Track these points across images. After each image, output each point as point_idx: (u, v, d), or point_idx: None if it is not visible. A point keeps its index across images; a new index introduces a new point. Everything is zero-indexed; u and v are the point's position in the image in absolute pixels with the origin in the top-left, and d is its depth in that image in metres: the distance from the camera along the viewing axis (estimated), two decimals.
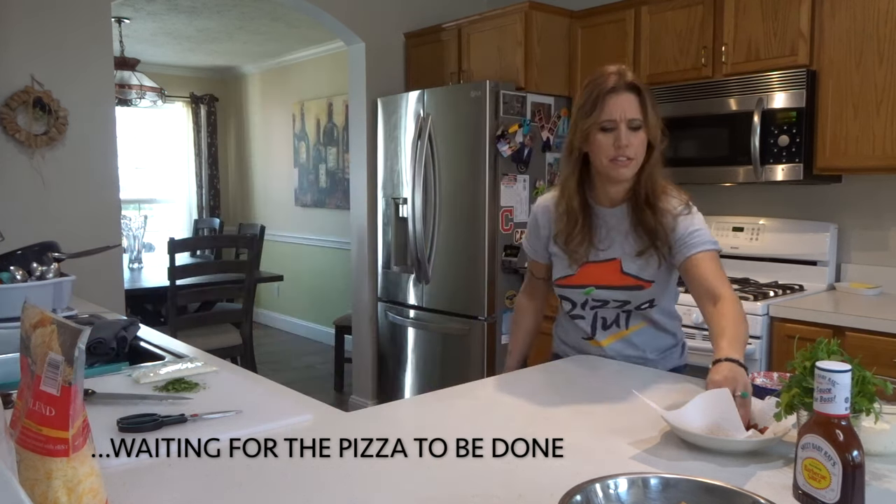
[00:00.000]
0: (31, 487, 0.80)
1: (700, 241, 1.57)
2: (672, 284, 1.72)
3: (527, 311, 1.97)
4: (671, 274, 1.68)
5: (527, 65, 3.49)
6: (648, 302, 1.68)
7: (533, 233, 1.82)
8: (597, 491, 0.84)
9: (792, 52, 2.76)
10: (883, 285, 2.83)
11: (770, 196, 3.19)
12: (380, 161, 3.99)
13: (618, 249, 1.66)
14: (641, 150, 1.58)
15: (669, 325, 1.77)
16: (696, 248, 1.56)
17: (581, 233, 1.66)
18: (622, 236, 1.66)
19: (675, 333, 1.79)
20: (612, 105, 1.56)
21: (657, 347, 1.76)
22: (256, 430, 1.19)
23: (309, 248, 6.33)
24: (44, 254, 2.20)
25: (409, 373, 3.88)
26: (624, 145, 1.55)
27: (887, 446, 1.06)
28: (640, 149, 1.57)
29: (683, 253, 1.58)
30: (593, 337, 1.76)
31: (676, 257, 1.60)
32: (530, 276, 1.94)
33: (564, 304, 1.78)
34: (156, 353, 1.80)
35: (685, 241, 1.58)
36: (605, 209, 1.68)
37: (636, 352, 1.74)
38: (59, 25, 3.12)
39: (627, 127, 1.55)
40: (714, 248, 1.58)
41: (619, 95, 1.56)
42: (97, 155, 3.26)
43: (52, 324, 0.82)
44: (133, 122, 6.62)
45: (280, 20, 5.13)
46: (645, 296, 1.67)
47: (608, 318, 1.73)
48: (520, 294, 2.00)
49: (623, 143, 1.55)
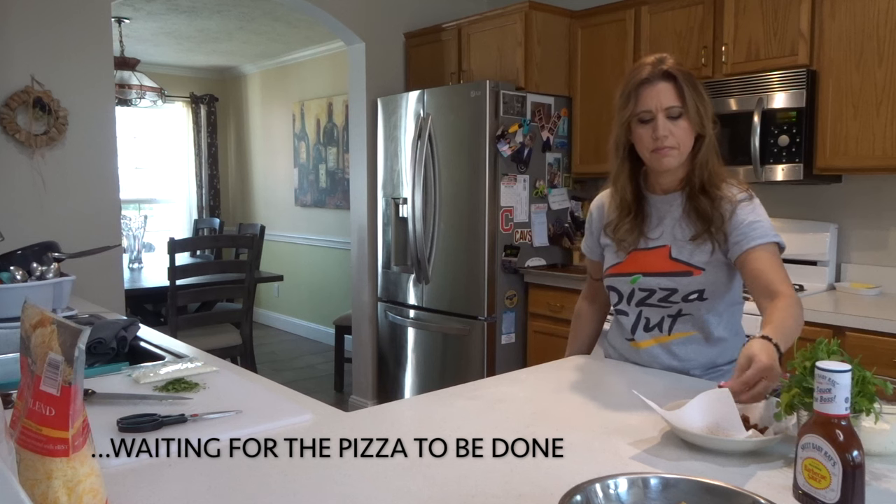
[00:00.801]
0: (31, 487, 0.80)
1: (760, 233, 1.48)
2: (732, 283, 1.59)
3: (585, 316, 1.90)
4: (729, 269, 1.56)
5: (527, 65, 3.49)
6: (697, 293, 1.55)
7: (588, 230, 1.78)
8: (597, 491, 0.84)
9: (792, 52, 2.76)
10: (883, 285, 2.83)
11: (770, 196, 3.18)
12: (380, 161, 3.99)
13: (668, 236, 1.59)
14: (685, 138, 1.52)
15: (726, 338, 1.61)
16: (755, 241, 1.48)
17: (632, 221, 1.62)
18: (674, 222, 1.59)
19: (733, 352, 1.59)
20: (647, 95, 1.52)
21: (704, 364, 1.60)
22: (256, 430, 1.19)
23: (309, 248, 6.33)
24: (44, 254, 2.20)
25: (409, 373, 3.89)
26: (662, 136, 1.50)
27: (887, 446, 1.06)
28: (682, 137, 1.52)
29: (742, 245, 1.49)
30: (633, 337, 1.65)
31: (734, 249, 1.51)
32: (589, 279, 1.88)
33: (612, 297, 1.69)
34: (156, 353, 1.80)
35: (744, 233, 1.49)
36: (658, 196, 1.63)
37: (678, 363, 1.60)
38: (59, 25, 3.12)
39: (666, 116, 1.51)
40: (775, 241, 1.50)
41: (654, 86, 1.51)
42: (97, 155, 3.26)
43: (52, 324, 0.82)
44: (133, 122, 6.62)
45: (280, 20, 5.13)
46: (694, 284, 1.55)
47: (652, 319, 1.62)
48: (580, 299, 1.93)
49: (661, 133, 1.50)
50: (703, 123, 1.52)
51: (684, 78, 1.51)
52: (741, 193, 1.54)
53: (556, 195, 3.64)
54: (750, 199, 1.54)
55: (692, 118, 1.51)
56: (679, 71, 1.51)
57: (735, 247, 1.50)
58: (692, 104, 1.50)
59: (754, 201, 1.54)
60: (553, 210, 3.63)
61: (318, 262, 6.22)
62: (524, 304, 3.51)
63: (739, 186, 1.56)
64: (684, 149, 1.53)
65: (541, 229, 3.58)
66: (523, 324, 3.52)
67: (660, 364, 1.62)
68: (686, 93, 1.50)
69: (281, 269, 5.92)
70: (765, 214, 1.53)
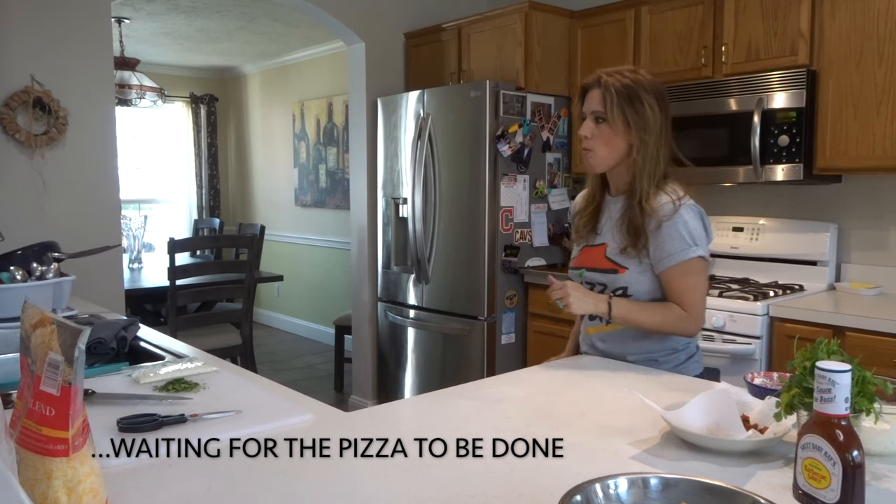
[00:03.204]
0: (31, 487, 0.80)
1: (674, 254, 1.60)
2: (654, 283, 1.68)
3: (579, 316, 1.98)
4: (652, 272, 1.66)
5: (527, 65, 3.49)
6: (622, 290, 1.69)
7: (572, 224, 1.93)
8: (597, 491, 0.84)
9: (792, 52, 2.76)
10: (883, 285, 2.83)
11: (770, 196, 3.19)
12: (380, 161, 3.99)
13: (608, 235, 1.73)
14: (603, 142, 1.65)
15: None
16: (667, 264, 1.62)
17: (589, 215, 1.77)
18: (613, 224, 1.72)
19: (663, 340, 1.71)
20: (585, 99, 1.70)
21: (639, 350, 1.71)
22: (256, 430, 1.19)
23: (309, 248, 6.33)
24: (44, 254, 2.20)
25: (409, 373, 3.89)
26: (582, 135, 1.68)
27: (887, 446, 1.06)
28: (600, 141, 1.65)
29: (658, 266, 1.64)
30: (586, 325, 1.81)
31: (655, 266, 1.65)
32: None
33: None
34: (156, 353, 1.80)
35: (660, 255, 1.62)
36: (610, 197, 1.77)
37: (616, 350, 1.73)
38: (59, 25, 3.12)
39: (592, 119, 1.67)
40: (680, 261, 1.60)
41: (591, 91, 1.68)
42: (97, 155, 3.26)
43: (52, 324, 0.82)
44: (133, 122, 6.62)
45: (280, 20, 5.13)
46: (619, 281, 1.69)
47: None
48: None
49: (581, 132, 1.68)
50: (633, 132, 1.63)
51: (618, 88, 1.63)
52: (668, 207, 1.61)
53: (555, 195, 3.64)
54: (672, 215, 1.61)
55: (615, 125, 1.63)
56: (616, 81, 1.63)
57: (655, 265, 1.64)
58: (618, 112, 1.62)
59: (677, 215, 1.61)
60: (553, 210, 3.63)
61: (318, 262, 6.22)
62: (524, 304, 3.51)
63: (673, 196, 1.63)
64: (603, 153, 1.66)
65: (541, 229, 3.58)
66: (523, 324, 3.52)
67: (600, 351, 1.76)
68: (610, 100, 1.63)
69: (281, 269, 5.92)
70: (687, 227, 1.61)
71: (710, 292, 2.75)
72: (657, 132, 1.63)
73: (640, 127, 1.62)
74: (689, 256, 1.60)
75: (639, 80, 1.64)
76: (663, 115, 1.65)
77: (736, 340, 2.59)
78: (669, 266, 1.61)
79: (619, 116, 1.62)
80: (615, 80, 1.63)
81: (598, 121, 1.65)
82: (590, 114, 1.67)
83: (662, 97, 1.66)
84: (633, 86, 1.63)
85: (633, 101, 1.62)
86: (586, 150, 1.68)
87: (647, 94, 1.63)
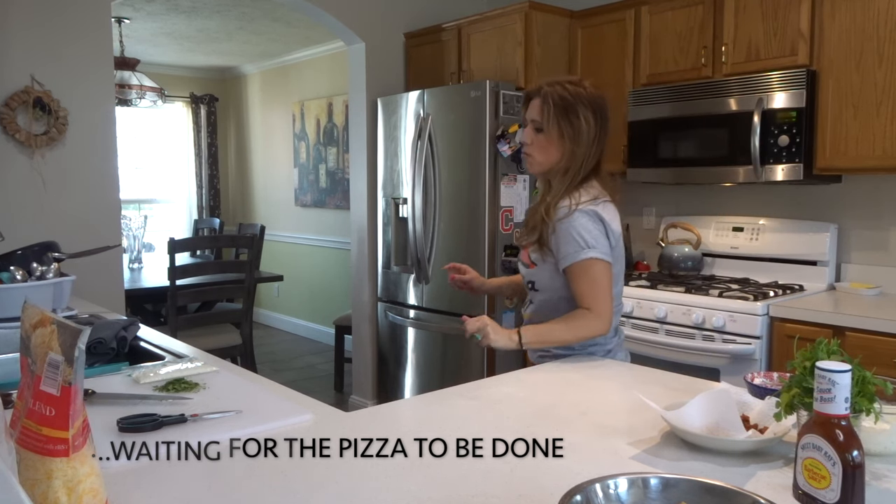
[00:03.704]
0: (31, 487, 0.80)
1: (562, 256, 1.68)
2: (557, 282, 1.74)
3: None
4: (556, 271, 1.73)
5: (527, 65, 3.49)
6: (530, 283, 1.80)
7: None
8: (597, 491, 0.84)
9: (792, 52, 2.76)
10: (883, 285, 2.83)
11: (770, 196, 3.19)
12: (380, 161, 3.98)
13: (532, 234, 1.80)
14: (539, 150, 1.74)
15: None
16: (561, 266, 1.70)
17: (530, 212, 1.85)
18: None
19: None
20: (528, 107, 1.77)
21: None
22: (256, 430, 1.19)
23: (309, 248, 6.33)
24: (44, 254, 2.20)
25: (409, 373, 3.89)
26: (524, 141, 1.77)
27: (887, 446, 1.06)
28: (538, 149, 1.74)
29: (559, 265, 1.71)
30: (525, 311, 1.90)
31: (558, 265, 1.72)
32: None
33: None
34: (156, 353, 1.80)
35: (558, 256, 1.70)
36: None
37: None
38: (59, 25, 3.12)
39: (532, 128, 1.75)
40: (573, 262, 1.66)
41: (533, 100, 1.76)
42: (97, 155, 3.26)
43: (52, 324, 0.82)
44: (133, 122, 6.62)
45: (280, 20, 5.13)
46: (529, 275, 1.81)
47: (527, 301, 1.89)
48: None
49: (523, 138, 1.78)
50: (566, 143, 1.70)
51: (556, 100, 1.69)
52: (563, 210, 1.69)
53: None
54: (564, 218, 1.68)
55: (550, 135, 1.71)
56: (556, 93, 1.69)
57: (559, 265, 1.71)
58: (553, 124, 1.70)
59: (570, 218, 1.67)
60: None
61: (318, 262, 6.22)
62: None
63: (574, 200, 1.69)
64: (541, 159, 1.75)
65: None
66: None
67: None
68: (548, 112, 1.70)
69: (281, 269, 5.92)
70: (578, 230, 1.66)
71: (710, 292, 2.76)
72: (588, 145, 1.70)
73: (572, 139, 1.70)
74: (581, 258, 1.66)
75: (579, 93, 1.70)
76: (598, 128, 1.71)
77: (736, 340, 2.59)
78: (565, 266, 1.68)
79: (555, 128, 1.70)
80: (555, 92, 1.70)
81: (538, 130, 1.73)
82: (530, 122, 1.75)
83: (600, 111, 1.72)
84: (570, 99, 1.69)
85: (569, 114, 1.69)
86: (526, 154, 1.78)
87: (585, 108, 1.69)
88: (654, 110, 3.14)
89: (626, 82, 3.32)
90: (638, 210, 3.69)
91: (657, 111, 3.13)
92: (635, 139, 3.23)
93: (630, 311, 2.89)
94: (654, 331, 2.82)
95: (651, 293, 2.87)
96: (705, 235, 3.27)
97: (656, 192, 3.59)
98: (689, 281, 3.04)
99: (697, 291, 2.79)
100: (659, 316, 2.79)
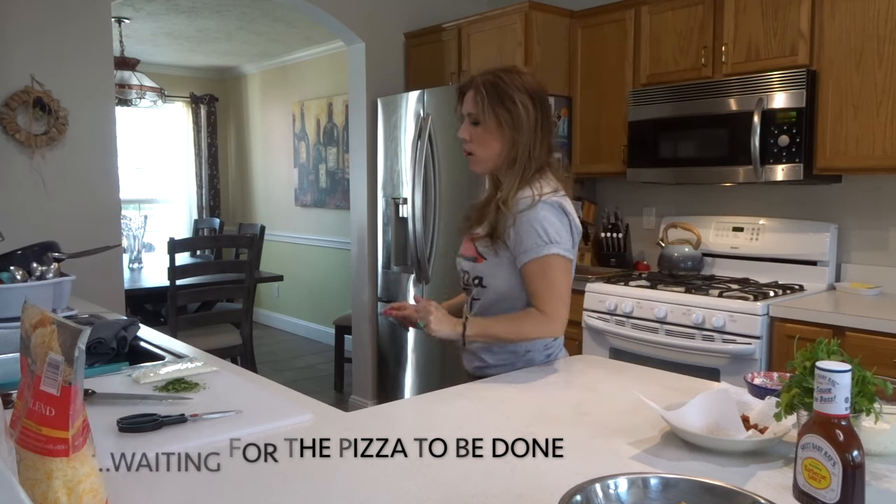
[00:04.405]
0: (31, 487, 0.80)
1: (522, 250, 1.59)
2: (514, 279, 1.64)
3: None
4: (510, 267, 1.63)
5: (527, 65, 3.48)
6: (479, 279, 1.68)
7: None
8: (597, 491, 0.84)
9: (792, 52, 2.76)
10: (883, 285, 2.83)
11: (770, 196, 3.19)
12: (380, 161, 3.98)
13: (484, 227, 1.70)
14: (479, 144, 1.64)
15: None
16: (520, 262, 1.60)
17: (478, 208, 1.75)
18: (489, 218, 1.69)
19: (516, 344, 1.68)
20: (464, 101, 1.68)
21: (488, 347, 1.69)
22: (256, 430, 1.19)
23: (309, 248, 6.33)
24: (44, 254, 2.20)
25: (409, 373, 3.88)
26: (461, 138, 1.67)
27: (887, 446, 1.06)
28: (477, 143, 1.64)
29: (517, 261, 1.61)
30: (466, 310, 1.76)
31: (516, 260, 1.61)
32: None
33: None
34: (156, 353, 1.80)
35: (517, 250, 1.60)
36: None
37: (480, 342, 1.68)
38: (60, 25, 3.12)
39: (469, 122, 1.65)
40: (534, 258, 1.57)
41: (467, 93, 1.67)
42: (97, 155, 3.26)
43: (52, 324, 0.82)
44: (133, 122, 6.62)
45: (280, 20, 5.13)
46: (477, 270, 1.68)
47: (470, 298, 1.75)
48: None
49: (459, 134, 1.67)
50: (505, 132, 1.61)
51: (489, 88, 1.61)
52: (526, 201, 1.59)
53: None
54: (527, 210, 1.58)
55: (487, 126, 1.62)
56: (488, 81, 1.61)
57: (516, 260, 1.61)
58: (489, 113, 1.60)
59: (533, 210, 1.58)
60: None
61: (318, 262, 6.22)
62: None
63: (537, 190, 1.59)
64: (483, 155, 1.65)
65: None
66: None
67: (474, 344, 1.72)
68: (482, 101, 1.61)
69: (281, 269, 5.92)
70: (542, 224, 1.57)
71: (710, 292, 2.76)
72: (530, 131, 1.61)
73: (511, 126, 1.60)
74: (543, 254, 1.57)
75: (512, 79, 1.61)
76: (539, 113, 1.62)
77: (736, 340, 2.59)
78: (524, 262, 1.59)
79: (492, 117, 1.61)
80: (487, 81, 1.62)
81: (475, 123, 1.64)
82: (466, 116, 1.66)
83: (538, 95, 1.63)
84: (503, 86, 1.60)
85: (504, 100, 1.60)
86: (467, 153, 1.67)
87: (520, 92, 1.60)
88: (654, 110, 3.14)
89: (626, 82, 3.32)
90: (638, 210, 3.69)
91: (657, 111, 3.13)
92: (635, 139, 3.23)
93: (630, 311, 2.89)
94: (654, 331, 2.82)
95: (651, 293, 2.87)
96: (705, 235, 3.27)
97: (656, 192, 3.59)
98: (689, 281, 3.04)
99: (697, 291, 2.79)
100: (659, 316, 2.79)
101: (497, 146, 1.63)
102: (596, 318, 3.03)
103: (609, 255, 3.64)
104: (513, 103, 1.60)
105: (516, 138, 1.61)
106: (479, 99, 1.62)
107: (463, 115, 1.67)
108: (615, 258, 3.62)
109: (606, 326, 2.98)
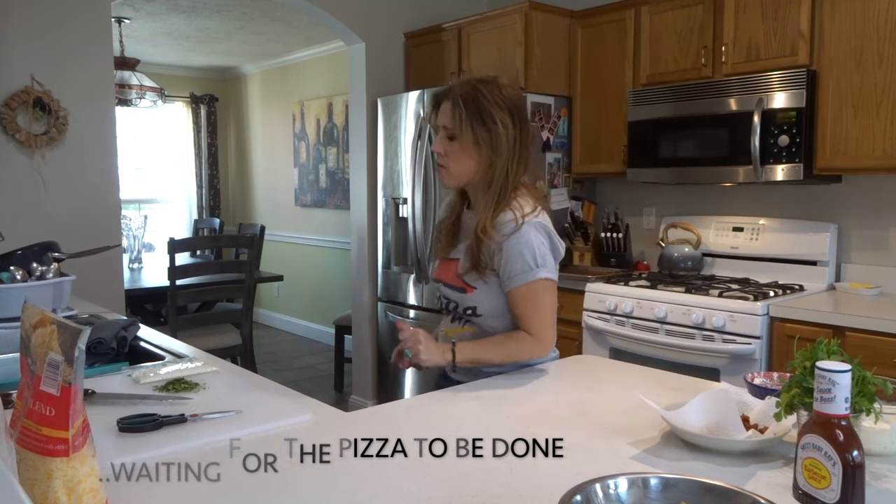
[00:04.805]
0: (31, 487, 0.80)
1: (508, 276, 1.55)
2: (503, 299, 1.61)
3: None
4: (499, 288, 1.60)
5: (527, 65, 3.49)
6: (471, 309, 1.62)
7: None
8: (597, 491, 0.84)
9: (792, 52, 2.76)
10: (883, 285, 2.83)
11: (770, 196, 3.19)
12: (380, 161, 3.98)
13: (462, 251, 1.64)
14: (454, 160, 1.57)
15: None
16: (511, 285, 1.56)
17: (449, 226, 1.70)
18: (468, 241, 1.62)
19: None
20: (439, 111, 1.59)
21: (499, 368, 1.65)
22: (256, 430, 1.19)
23: (309, 248, 6.33)
24: (44, 254, 2.20)
25: (409, 373, 3.88)
26: (436, 151, 1.59)
27: (887, 446, 1.06)
28: (451, 158, 1.57)
29: (504, 286, 1.57)
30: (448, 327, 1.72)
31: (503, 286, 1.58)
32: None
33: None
34: (156, 353, 1.80)
35: (504, 275, 1.56)
36: (469, 211, 1.69)
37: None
38: (60, 25, 3.12)
39: (444, 135, 1.57)
40: (523, 283, 1.54)
41: (444, 102, 1.58)
42: (97, 155, 3.26)
43: (52, 324, 0.82)
44: (133, 122, 6.62)
45: (280, 20, 5.13)
46: (468, 300, 1.62)
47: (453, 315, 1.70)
48: None
49: (434, 147, 1.59)
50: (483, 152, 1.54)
51: (468, 104, 1.52)
52: (510, 224, 1.54)
53: (556, 195, 3.64)
54: (513, 235, 1.53)
55: (464, 143, 1.54)
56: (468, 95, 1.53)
57: (502, 284, 1.58)
58: (467, 130, 1.53)
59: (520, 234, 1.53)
60: (553, 210, 3.63)
61: (318, 262, 6.22)
62: None
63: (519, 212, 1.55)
64: (456, 171, 1.58)
65: None
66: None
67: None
68: (460, 117, 1.53)
69: (281, 269, 5.92)
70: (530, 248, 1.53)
71: (710, 292, 2.76)
72: (508, 152, 1.55)
73: (489, 146, 1.54)
74: (531, 279, 1.54)
75: (493, 94, 1.54)
76: (518, 131, 1.56)
77: (736, 340, 2.59)
78: (512, 287, 1.55)
79: (469, 134, 1.53)
80: (467, 95, 1.54)
81: (451, 138, 1.56)
82: (441, 128, 1.58)
83: (518, 110, 1.57)
84: (483, 102, 1.53)
85: (483, 118, 1.53)
86: (440, 166, 1.61)
87: (500, 109, 1.53)
88: (654, 110, 3.14)
89: (626, 82, 3.32)
90: (638, 210, 3.69)
91: (657, 111, 3.13)
92: (635, 139, 3.23)
93: (630, 311, 2.89)
94: (654, 331, 2.82)
95: (651, 293, 2.87)
96: (705, 235, 3.27)
97: (656, 192, 3.59)
98: (689, 281, 3.04)
99: (697, 291, 2.79)
100: (659, 316, 2.79)
101: (472, 164, 1.57)
102: (596, 318, 3.03)
103: (609, 255, 3.64)
104: (493, 122, 1.53)
105: (493, 159, 1.55)
106: (458, 113, 1.53)
107: (437, 126, 1.59)
108: (615, 258, 3.62)
109: (606, 326, 2.98)
